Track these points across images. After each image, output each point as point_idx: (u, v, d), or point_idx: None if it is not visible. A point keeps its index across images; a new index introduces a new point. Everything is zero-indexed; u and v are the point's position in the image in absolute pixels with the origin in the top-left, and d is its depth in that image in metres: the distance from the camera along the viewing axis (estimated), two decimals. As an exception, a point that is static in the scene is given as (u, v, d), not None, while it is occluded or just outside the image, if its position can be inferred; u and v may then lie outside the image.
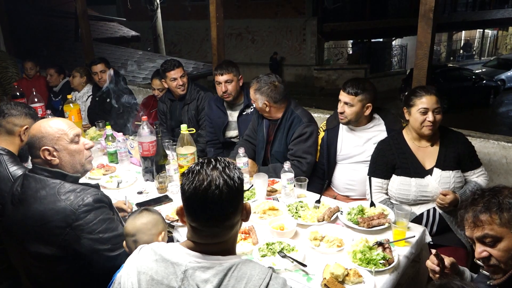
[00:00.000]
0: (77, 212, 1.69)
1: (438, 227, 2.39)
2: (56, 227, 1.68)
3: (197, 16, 18.04)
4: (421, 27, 2.75)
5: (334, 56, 19.53)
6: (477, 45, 25.81)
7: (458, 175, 2.40)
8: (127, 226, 1.69)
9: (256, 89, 2.87)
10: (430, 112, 2.33)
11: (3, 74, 5.97)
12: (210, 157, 1.32)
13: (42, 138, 1.78)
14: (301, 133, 2.82)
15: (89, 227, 1.70)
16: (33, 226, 1.71)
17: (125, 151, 3.05)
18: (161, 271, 1.25)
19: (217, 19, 3.95)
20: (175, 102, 3.80)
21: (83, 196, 1.73)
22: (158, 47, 12.24)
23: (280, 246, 1.92)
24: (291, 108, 2.91)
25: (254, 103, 2.92)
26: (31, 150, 1.80)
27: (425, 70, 2.83)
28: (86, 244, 1.70)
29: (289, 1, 17.17)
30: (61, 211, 1.69)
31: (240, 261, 1.25)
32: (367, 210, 2.24)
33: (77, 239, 1.69)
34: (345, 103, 2.63)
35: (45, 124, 1.82)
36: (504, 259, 1.37)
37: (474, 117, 12.29)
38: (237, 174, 1.26)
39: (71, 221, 1.68)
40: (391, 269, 1.77)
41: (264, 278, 1.21)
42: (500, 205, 1.37)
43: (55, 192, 1.73)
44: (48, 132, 1.79)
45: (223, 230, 1.26)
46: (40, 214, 1.70)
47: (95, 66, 4.26)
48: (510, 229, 1.35)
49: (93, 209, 1.73)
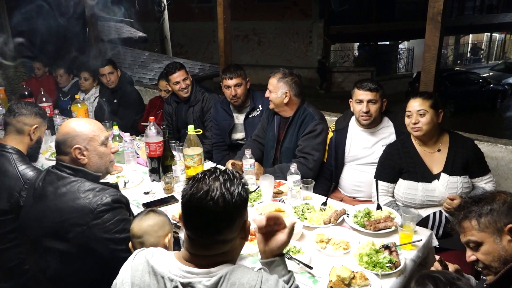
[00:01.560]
0: (95, 211, 1.71)
1: (444, 230, 2.38)
2: (74, 224, 1.71)
3: (204, 17, 18.09)
4: (429, 30, 2.75)
5: (341, 58, 19.50)
6: (484, 49, 25.67)
7: (466, 180, 2.40)
8: (133, 228, 1.69)
9: (280, 77, 2.88)
10: (414, 115, 2.39)
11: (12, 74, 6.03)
12: (221, 168, 1.30)
13: (75, 136, 1.82)
14: (312, 129, 2.84)
15: (106, 227, 1.72)
16: (51, 222, 1.74)
17: (132, 151, 3.07)
18: (154, 285, 1.24)
19: (224, 20, 3.96)
20: (181, 104, 3.82)
21: (102, 196, 1.75)
22: (165, 48, 12.28)
23: (286, 248, 1.91)
24: (304, 106, 2.94)
25: (271, 94, 2.89)
26: (60, 147, 1.83)
27: (432, 73, 2.82)
28: (102, 243, 1.72)
29: (296, 3, 17.17)
30: (79, 209, 1.71)
31: (229, 271, 1.21)
32: (374, 213, 2.24)
33: (94, 237, 1.71)
34: (369, 101, 2.64)
35: (80, 123, 1.87)
36: (488, 261, 1.46)
37: (481, 121, 12.21)
38: (239, 190, 1.23)
39: (89, 220, 1.70)
40: (398, 272, 1.76)
41: (255, 285, 1.18)
42: (480, 211, 1.47)
43: (75, 189, 1.75)
44: (83, 131, 1.84)
45: (215, 243, 1.23)
46: (59, 210, 1.73)
47: (102, 68, 4.28)
48: (489, 234, 1.45)
49: (111, 209, 1.74)
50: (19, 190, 2.16)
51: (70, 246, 1.72)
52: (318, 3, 16.95)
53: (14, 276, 2.30)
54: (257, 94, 3.49)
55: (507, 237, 1.42)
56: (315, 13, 17.19)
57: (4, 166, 2.22)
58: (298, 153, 2.87)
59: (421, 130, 2.38)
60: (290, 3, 17.23)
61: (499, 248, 1.43)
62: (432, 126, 2.39)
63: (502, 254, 1.43)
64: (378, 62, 18.46)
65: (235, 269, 1.22)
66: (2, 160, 2.24)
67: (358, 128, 2.79)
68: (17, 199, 2.15)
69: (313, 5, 17.03)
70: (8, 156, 2.26)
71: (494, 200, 1.47)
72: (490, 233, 1.44)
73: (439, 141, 2.47)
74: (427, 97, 2.40)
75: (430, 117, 2.36)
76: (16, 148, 2.32)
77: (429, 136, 2.43)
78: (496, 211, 1.44)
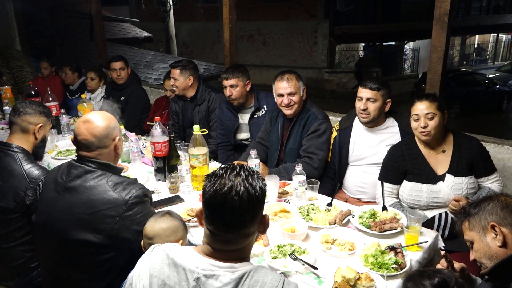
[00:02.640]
0: (128, 203, 1.78)
1: (450, 231, 2.37)
2: (106, 216, 1.76)
3: (209, 17, 18.11)
4: (435, 31, 2.74)
5: (346, 59, 19.45)
6: (490, 50, 25.52)
7: (471, 181, 2.38)
8: (146, 227, 1.71)
9: (297, 75, 2.90)
10: (422, 118, 2.35)
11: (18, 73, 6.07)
12: (235, 164, 1.33)
13: (115, 128, 1.93)
14: (316, 129, 2.84)
15: (137, 219, 1.79)
16: (82, 214, 1.77)
17: (138, 151, 3.08)
18: (174, 277, 1.26)
19: (230, 21, 3.96)
20: (187, 103, 3.82)
21: (132, 189, 1.81)
22: (170, 48, 12.30)
23: (291, 248, 1.91)
24: (307, 106, 2.94)
25: (294, 95, 2.85)
26: (103, 140, 1.87)
27: (439, 74, 2.81)
28: (132, 234, 1.78)
29: (301, 3, 17.13)
30: (112, 201, 1.77)
31: (253, 268, 1.25)
32: (379, 214, 2.23)
33: (125, 229, 1.77)
34: (368, 99, 2.63)
35: (109, 116, 1.95)
36: (478, 258, 1.56)
37: (487, 122, 12.13)
38: (260, 184, 1.27)
39: (121, 211, 1.76)
40: (404, 273, 1.75)
41: (277, 286, 1.21)
42: (471, 212, 1.58)
43: (104, 182, 1.81)
44: (117, 124, 1.95)
45: (238, 237, 1.26)
46: (90, 202, 1.77)
47: (114, 62, 4.30)
48: (476, 232, 1.55)
49: (141, 202, 1.82)
50: (24, 189, 2.16)
51: (103, 238, 1.76)
52: (323, 3, 16.90)
53: (20, 274, 2.30)
54: (261, 94, 3.48)
55: (491, 234, 1.51)
56: (320, 14, 17.14)
57: (10, 165, 2.23)
58: (302, 153, 2.86)
59: (429, 134, 2.36)
60: (295, 4, 17.19)
61: (484, 245, 1.53)
62: (440, 129, 2.37)
63: (487, 251, 1.52)
64: (384, 62, 18.38)
65: (259, 268, 1.26)
66: (8, 159, 2.25)
67: (362, 127, 2.78)
68: (23, 198, 2.15)
69: (318, 5, 16.98)
70: (14, 155, 2.27)
71: (490, 201, 1.56)
72: (477, 231, 1.55)
73: (444, 142, 2.45)
74: (433, 99, 2.38)
75: (438, 120, 2.35)
76: (22, 147, 2.32)
77: (436, 138, 2.41)
78: (482, 210, 1.55)
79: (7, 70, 6.02)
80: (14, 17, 6.63)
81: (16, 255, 2.25)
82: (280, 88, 2.86)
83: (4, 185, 2.19)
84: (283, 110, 2.92)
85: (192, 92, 3.71)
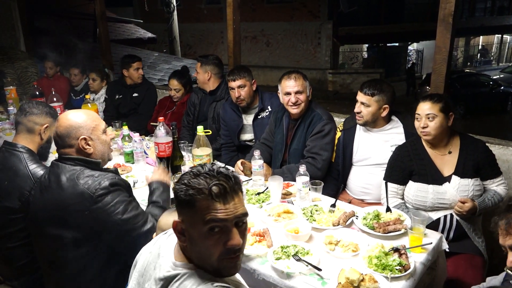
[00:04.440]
0: (94, 196, 1.77)
1: (455, 233, 2.36)
2: (75, 210, 1.77)
3: (212, 18, 18.13)
4: (440, 32, 2.73)
5: (349, 60, 19.43)
6: (495, 51, 25.43)
7: (477, 183, 2.37)
8: (161, 220, 1.73)
9: (303, 74, 2.92)
10: (423, 118, 2.35)
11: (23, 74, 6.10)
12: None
13: (79, 128, 1.90)
14: (320, 129, 2.84)
15: (107, 209, 1.79)
16: (54, 211, 1.81)
17: (141, 151, 3.08)
18: (151, 258, 1.31)
19: (233, 21, 3.96)
20: (206, 96, 3.87)
21: (100, 181, 1.81)
22: (173, 49, 12.32)
23: (295, 249, 1.91)
24: (312, 106, 2.95)
25: (302, 94, 2.86)
26: (65, 140, 1.89)
27: (443, 75, 2.80)
28: (107, 226, 1.78)
29: (305, 4, 17.14)
30: (79, 195, 1.78)
31: (188, 273, 1.19)
32: (383, 215, 2.22)
33: (98, 221, 1.77)
34: (362, 103, 2.63)
35: (79, 115, 1.94)
36: None
37: (491, 124, 12.08)
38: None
39: (88, 205, 1.77)
40: (408, 275, 1.75)
41: None
42: None
43: (74, 177, 1.82)
44: (85, 122, 1.93)
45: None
46: (60, 199, 1.80)
47: (135, 63, 4.38)
48: None
49: (109, 192, 1.81)
50: (29, 189, 2.17)
51: (76, 232, 1.78)
52: (326, 4, 16.91)
53: (24, 274, 2.31)
54: (265, 95, 3.48)
55: None
56: (324, 15, 17.15)
57: (15, 165, 2.24)
58: (306, 153, 2.87)
59: (429, 134, 2.36)
60: (299, 4, 17.21)
61: None
62: (441, 130, 2.36)
63: None
64: (387, 63, 18.35)
65: (194, 275, 1.19)
66: (13, 159, 2.26)
67: (366, 128, 2.78)
68: (28, 198, 2.16)
69: (321, 6, 16.99)
70: (19, 155, 2.28)
71: None
72: None
73: (450, 143, 2.44)
74: (437, 100, 2.36)
75: (439, 122, 2.33)
76: (27, 147, 2.34)
77: (438, 140, 2.41)
78: None
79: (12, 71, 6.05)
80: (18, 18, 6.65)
81: (20, 255, 2.26)
82: (287, 87, 2.86)
83: (9, 185, 2.20)
84: (290, 109, 2.91)
85: (212, 87, 3.78)
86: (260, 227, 2.10)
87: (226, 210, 1.14)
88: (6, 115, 4.43)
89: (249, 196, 2.49)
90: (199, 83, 3.84)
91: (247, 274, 1.88)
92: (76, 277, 1.85)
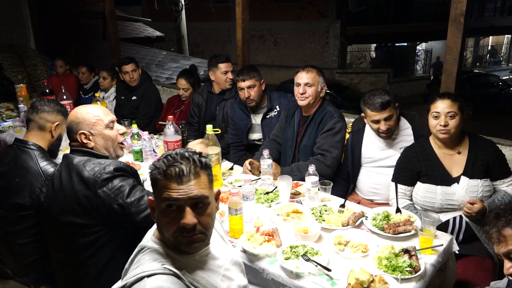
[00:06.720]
0: (99, 180, 1.81)
1: (464, 235, 2.34)
2: (83, 196, 1.82)
3: (220, 17, 18.14)
4: (451, 32, 2.71)
5: (357, 59, 19.35)
6: (504, 51, 25.17)
7: (487, 183, 2.35)
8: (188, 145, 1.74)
9: (319, 71, 2.93)
10: (442, 116, 2.32)
11: (33, 72, 6.15)
12: None
13: (79, 123, 1.98)
14: (331, 127, 2.84)
15: (112, 193, 1.81)
16: (65, 198, 1.86)
17: (150, 150, 3.10)
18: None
19: (242, 20, 3.96)
20: (213, 95, 3.85)
21: (105, 166, 1.85)
22: (181, 48, 12.35)
23: (304, 249, 1.91)
24: (324, 104, 2.96)
25: (311, 87, 2.87)
26: (70, 134, 2.00)
27: (454, 75, 2.78)
28: (113, 210, 1.81)
29: (313, 4, 17.08)
30: (85, 181, 1.82)
31: (151, 249, 1.30)
32: (393, 216, 2.21)
33: (104, 206, 1.80)
34: (385, 119, 2.59)
35: (83, 110, 2.02)
36: None
37: (501, 125, 11.95)
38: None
39: (94, 189, 1.81)
40: (418, 277, 1.74)
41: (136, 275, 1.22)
42: None
43: (81, 164, 1.87)
44: (85, 118, 1.99)
45: None
46: (70, 186, 1.85)
47: (126, 65, 4.33)
48: None
49: (114, 177, 1.84)
50: (40, 186, 2.20)
51: (86, 218, 1.82)
52: (335, 3, 16.84)
53: (34, 270, 2.34)
54: (274, 94, 3.48)
55: None
56: (332, 14, 17.08)
57: (26, 162, 2.26)
58: (316, 150, 2.86)
59: (449, 132, 2.32)
60: (307, 4, 17.15)
61: None
62: (459, 129, 2.35)
63: None
64: (395, 63, 18.26)
65: (153, 251, 1.31)
66: (24, 156, 2.28)
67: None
68: (38, 195, 2.18)
69: (329, 5, 16.92)
70: (30, 152, 2.30)
71: None
72: None
73: (459, 143, 2.42)
74: (455, 99, 2.34)
75: (459, 120, 2.32)
76: (38, 145, 2.35)
77: (453, 138, 2.38)
78: None
79: (22, 69, 6.11)
80: (29, 16, 6.71)
81: (30, 252, 2.28)
82: (298, 78, 2.91)
83: (20, 182, 2.22)
84: (298, 101, 2.94)
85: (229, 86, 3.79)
86: (269, 226, 2.10)
87: (179, 190, 1.24)
88: (16, 113, 4.47)
89: (257, 195, 2.49)
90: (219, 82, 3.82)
91: (256, 273, 1.89)
92: (89, 262, 1.88)
